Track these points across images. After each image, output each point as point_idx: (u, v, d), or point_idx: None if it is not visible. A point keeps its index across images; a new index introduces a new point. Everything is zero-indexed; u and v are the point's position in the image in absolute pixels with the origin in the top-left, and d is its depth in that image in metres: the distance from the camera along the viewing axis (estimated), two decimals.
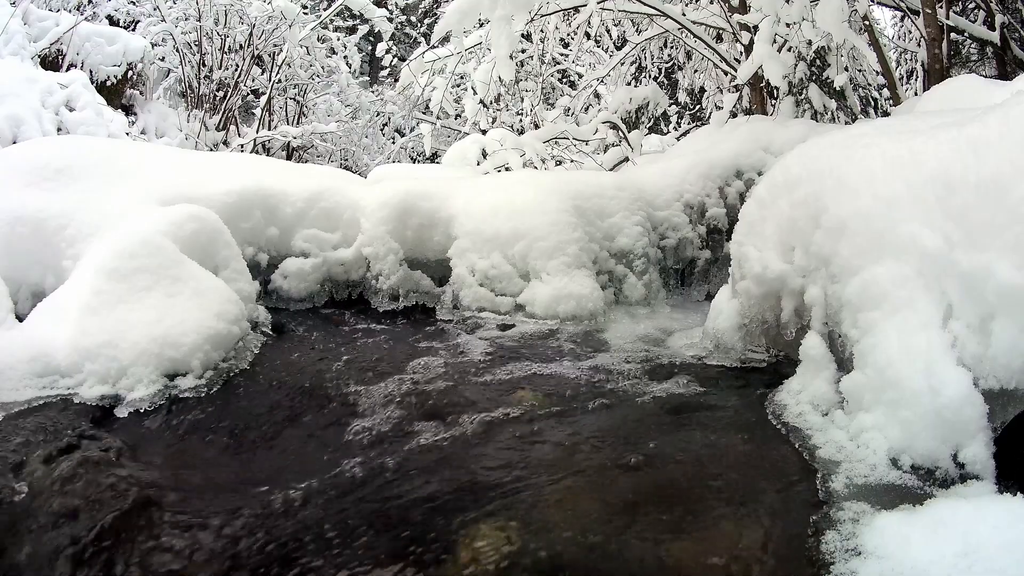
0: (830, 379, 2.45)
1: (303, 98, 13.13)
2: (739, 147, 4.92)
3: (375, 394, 2.80)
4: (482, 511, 1.98)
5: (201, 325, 2.96)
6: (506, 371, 3.06)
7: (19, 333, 2.95)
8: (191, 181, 3.90)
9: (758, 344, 3.10)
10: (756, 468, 2.17)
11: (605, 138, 6.87)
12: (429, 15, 21.05)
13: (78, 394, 2.71)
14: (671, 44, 9.17)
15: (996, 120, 2.10)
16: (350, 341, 3.49)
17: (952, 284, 2.06)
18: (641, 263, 4.30)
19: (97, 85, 8.73)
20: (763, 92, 6.51)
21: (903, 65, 12.70)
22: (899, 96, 6.51)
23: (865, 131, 2.83)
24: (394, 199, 4.16)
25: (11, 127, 6.35)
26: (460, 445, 2.41)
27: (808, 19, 4.93)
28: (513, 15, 4.69)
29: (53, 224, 3.43)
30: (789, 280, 2.76)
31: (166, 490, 2.16)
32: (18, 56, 7.62)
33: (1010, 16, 8.07)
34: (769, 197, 2.94)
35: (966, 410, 1.93)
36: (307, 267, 4.00)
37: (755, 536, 1.82)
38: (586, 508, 1.97)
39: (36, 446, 2.39)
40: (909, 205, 2.25)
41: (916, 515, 1.77)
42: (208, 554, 1.86)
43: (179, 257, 3.19)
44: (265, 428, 2.60)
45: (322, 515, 1.99)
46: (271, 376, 2.99)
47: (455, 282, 4.08)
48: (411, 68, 6.73)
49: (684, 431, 2.47)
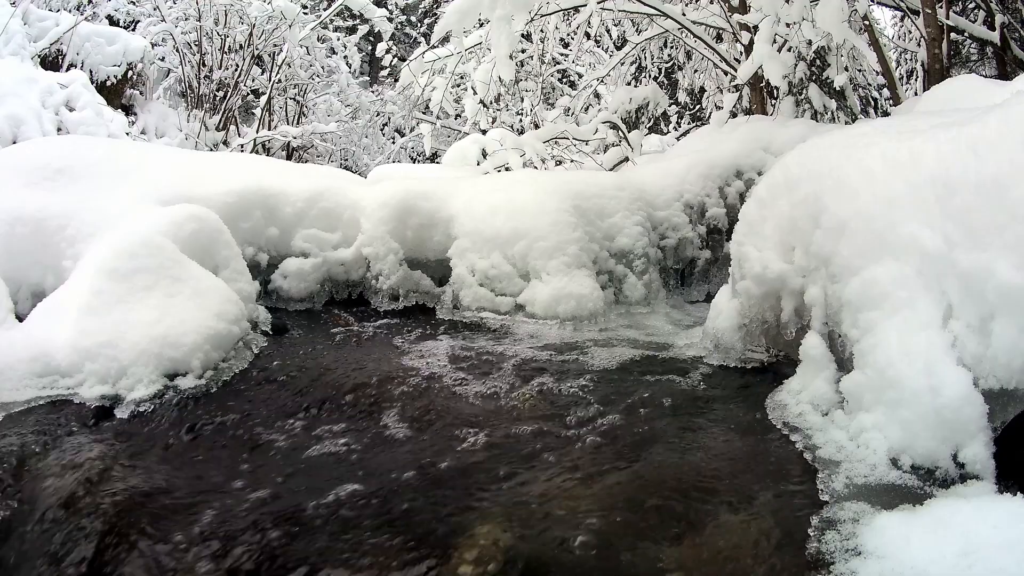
0: (830, 379, 2.45)
1: (303, 98, 13.13)
2: (739, 147, 4.92)
3: (375, 394, 2.80)
4: (481, 511, 1.98)
5: (201, 325, 2.96)
6: (506, 371, 3.05)
7: (19, 333, 2.95)
8: (191, 181, 3.90)
9: (758, 344, 3.10)
10: (756, 468, 2.17)
11: (605, 138, 6.86)
12: (429, 15, 21.04)
13: (78, 394, 2.71)
14: (671, 44, 9.17)
15: (996, 120, 2.10)
16: (350, 341, 3.49)
17: (952, 284, 2.06)
18: (641, 263, 4.30)
19: (97, 85, 8.73)
20: (763, 92, 6.51)
21: (903, 65, 12.70)
22: (899, 96, 6.51)
23: (865, 131, 2.83)
24: (394, 199, 4.16)
25: (11, 127, 6.35)
26: (459, 445, 2.41)
27: (808, 19, 4.93)
28: (513, 15, 4.69)
29: (53, 224, 3.43)
30: (789, 280, 2.76)
31: (166, 490, 2.16)
32: (18, 56, 7.62)
33: (1010, 16, 8.07)
34: (769, 197, 2.94)
35: (966, 410, 1.93)
36: (307, 267, 4.00)
37: (755, 536, 1.82)
38: (586, 508, 1.97)
39: (36, 446, 2.39)
40: (909, 205, 2.25)
41: (916, 515, 1.77)
42: (208, 554, 1.86)
43: (179, 257, 3.19)
44: (265, 428, 2.60)
45: (321, 515, 1.99)
46: (271, 376, 2.99)
47: (455, 282, 4.08)
48: (411, 68, 6.72)
49: (684, 431, 2.47)
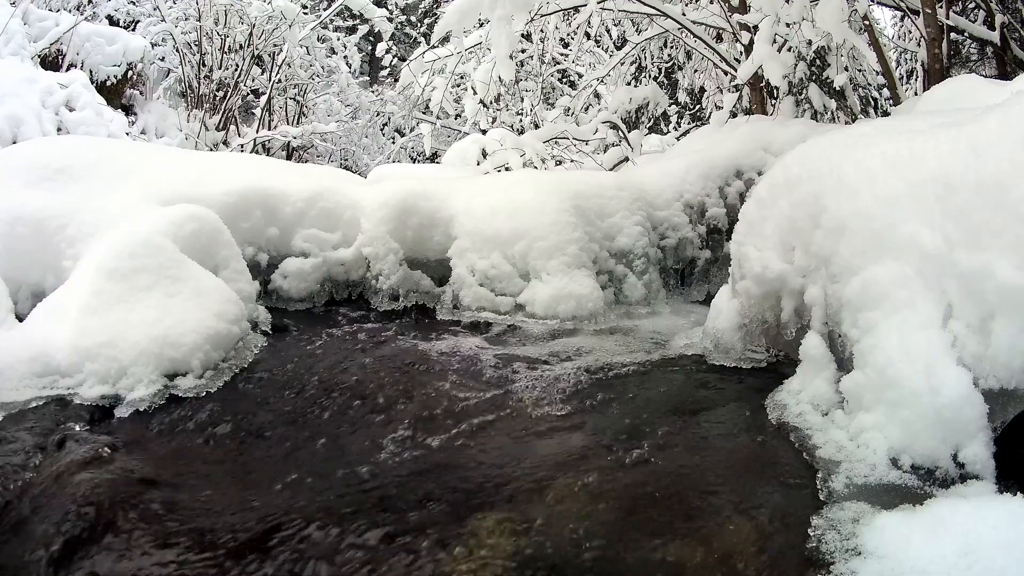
0: (830, 379, 2.45)
1: (303, 98, 13.13)
2: (739, 147, 4.92)
3: (375, 394, 2.80)
4: (481, 511, 1.98)
5: (201, 325, 2.96)
6: (506, 371, 3.05)
7: (19, 333, 2.95)
8: (191, 181, 3.89)
9: (758, 344, 3.10)
10: (756, 468, 2.17)
11: (605, 138, 6.86)
12: (429, 15, 21.05)
13: (78, 394, 2.71)
14: (671, 44, 9.16)
15: (996, 120, 2.10)
16: (350, 341, 3.49)
17: (952, 284, 2.06)
18: (641, 263, 4.30)
19: (97, 85, 8.73)
20: (763, 92, 6.51)
21: (903, 65, 12.69)
22: (899, 96, 6.51)
23: (865, 131, 2.83)
24: (394, 199, 4.16)
25: (11, 127, 6.35)
26: (459, 445, 2.41)
27: (808, 19, 4.93)
28: (513, 15, 4.69)
29: (53, 224, 3.43)
30: (789, 280, 2.76)
31: (166, 490, 2.16)
32: (18, 56, 7.62)
33: (1010, 16, 8.07)
34: (769, 197, 2.94)
35: (966, 410, 1.93)
36: (307, 267, 4.00)
37: (755, 536, 1.82)
38: (585, 508, 1.97)
39: (36, 446, 2.39)
40: (909, 205, 2.25)
41: (916, 515, 1.77)
42: (207, 553, 1.86)
43: (179, 257, 3.19)
44: (265, 428, 2.60)
45: (322, 514, 1.99)
46: (271, 376, 2.99)
47: (455, 282, 4.08)
48: (411, 68, 6.72)
49: (684, 431, 2.47)
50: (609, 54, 9.89)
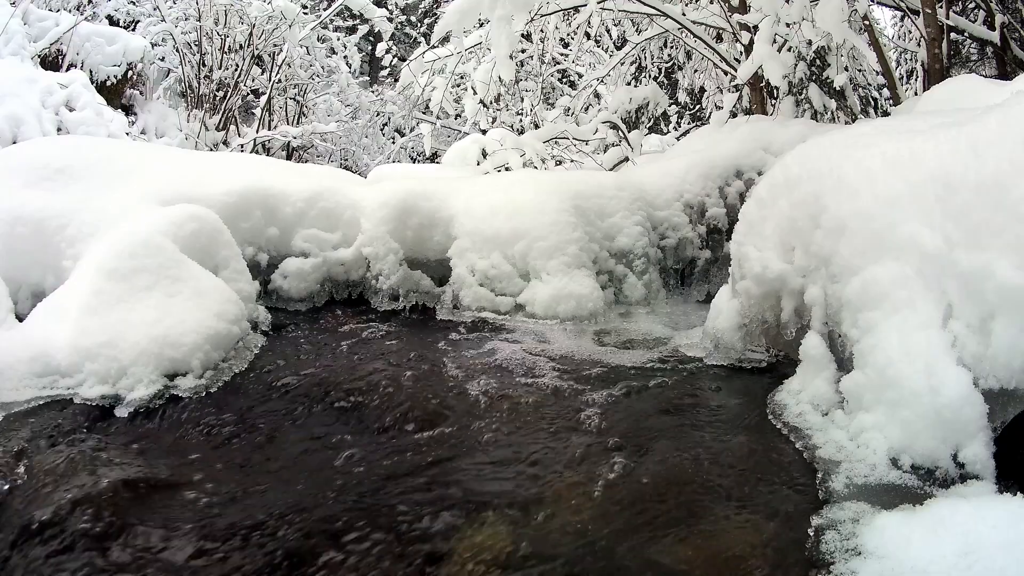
0: (830, 379, 2.45)
1: (303, 98, 13.12)
2: (739, 147, 4.92)
3: (374, 394, 2.80)
4: (480, 511, 1.98)
5: (201, 325, 2.96)
6: (505, 371, 3.05)
7: (19, 333, 2.95)
8: (191, 181, 3.90)
9: (758, 344, 3.10)
10: (756, 468, 2.17)
11: (605, 138, 6.86)
12: (429, 15, 21.04)
13: (78, 394, 2.71)
14: (671, 44, 9.16)
15: (996, 120, 2.10)
16: (350, 341, 3.49)
17: (952, 284, 2.06)
18: (641, 263, 4.30)
19: (97, 85, 8.73)
20: (763, 92, 6.51)
21: (903, 65, 12.68)
22: (899, 96, 6.51)
23: (865, 131, 2.83)
24: (394, 199, 4.16)
25: (11, 127, 6.35)
26: (458, 445, 2.41)
27: (808, 19, 4.93)
28: (513, 15, 4.69)
29: (53, 224, 3.43)
30: (789, 280, 2.76)
31: (165, 490, 2.16)
32: (18, 56, 7.61)
33: (1010, 16, 8.06)
34: (769, 197, 2.94)
35: (966, 410, 1.93)
36: (307, 267, 4.00)
37: (755, 536, 1.82)
38: (585, 508, 1.97)
39: (36, 446, 2.39)
40: (909, 205, 2.25)
41: (916, 515, 1.77)
42: (206, 553, 1.86)
43: (179, 257, 3.19)
44: (264, 428, 2.60)
45: (321, 514, 1.99)
46: (271, 376, 2.99)
47: (455, 282, 4.08)
48: (411, 68, 6.72)
49: (684, 431, 2.47)
50: (609, 54, 9.89)
